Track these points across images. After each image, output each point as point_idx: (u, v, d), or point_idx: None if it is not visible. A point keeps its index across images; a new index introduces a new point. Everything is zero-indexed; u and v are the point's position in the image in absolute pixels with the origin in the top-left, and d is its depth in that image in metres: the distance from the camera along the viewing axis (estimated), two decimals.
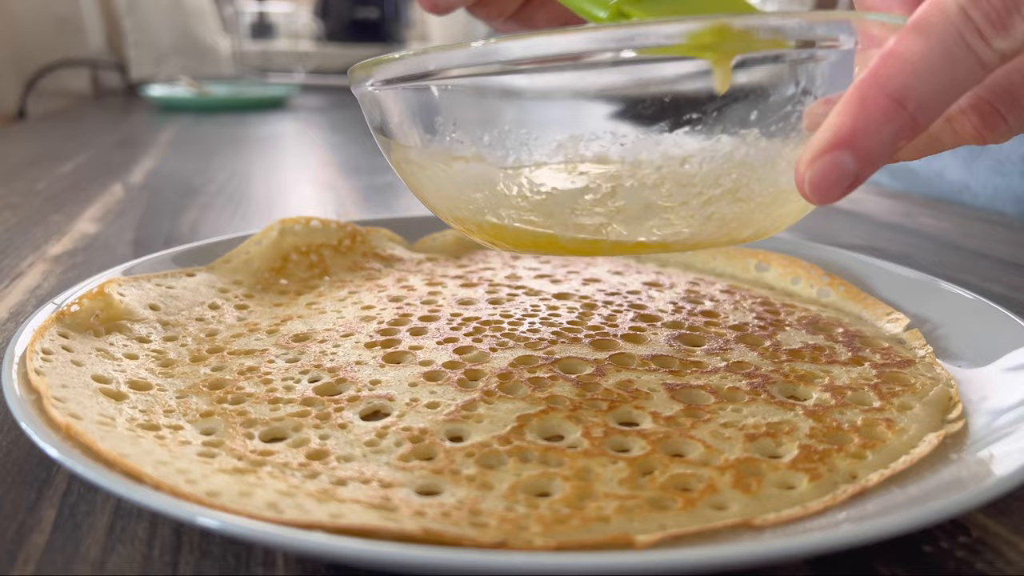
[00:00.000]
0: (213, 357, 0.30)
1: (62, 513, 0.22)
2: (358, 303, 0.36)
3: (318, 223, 0.43)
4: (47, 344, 0.28)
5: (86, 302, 0.31)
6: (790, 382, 0.29)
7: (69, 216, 0.57)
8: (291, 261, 0.41)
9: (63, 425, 0.22)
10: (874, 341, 0.33)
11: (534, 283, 0.39)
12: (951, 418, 0.26)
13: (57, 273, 0.44)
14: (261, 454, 0.23)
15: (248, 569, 0.20)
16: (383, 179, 0.76)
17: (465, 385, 0.28)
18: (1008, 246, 0.54)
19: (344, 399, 0.27)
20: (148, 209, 0.60)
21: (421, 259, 0.43)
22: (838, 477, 0.23)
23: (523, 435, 0.24)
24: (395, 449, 0.24)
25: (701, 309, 0.36)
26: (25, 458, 0.25)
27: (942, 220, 0.62)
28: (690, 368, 0.29)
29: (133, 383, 0.27)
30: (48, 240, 0.51)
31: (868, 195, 0.72)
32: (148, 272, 0.36)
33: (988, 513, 0.22)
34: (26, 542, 0.21)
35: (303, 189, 0.71)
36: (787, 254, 0.42)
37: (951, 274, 0.43)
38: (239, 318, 0.35)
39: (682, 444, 0.24)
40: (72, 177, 0.73)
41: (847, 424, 0.25)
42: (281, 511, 0.19)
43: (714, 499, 0.21)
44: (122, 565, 0.20)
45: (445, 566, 0.17)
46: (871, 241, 0.55)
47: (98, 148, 0.92)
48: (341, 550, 0.17)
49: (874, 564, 0.20)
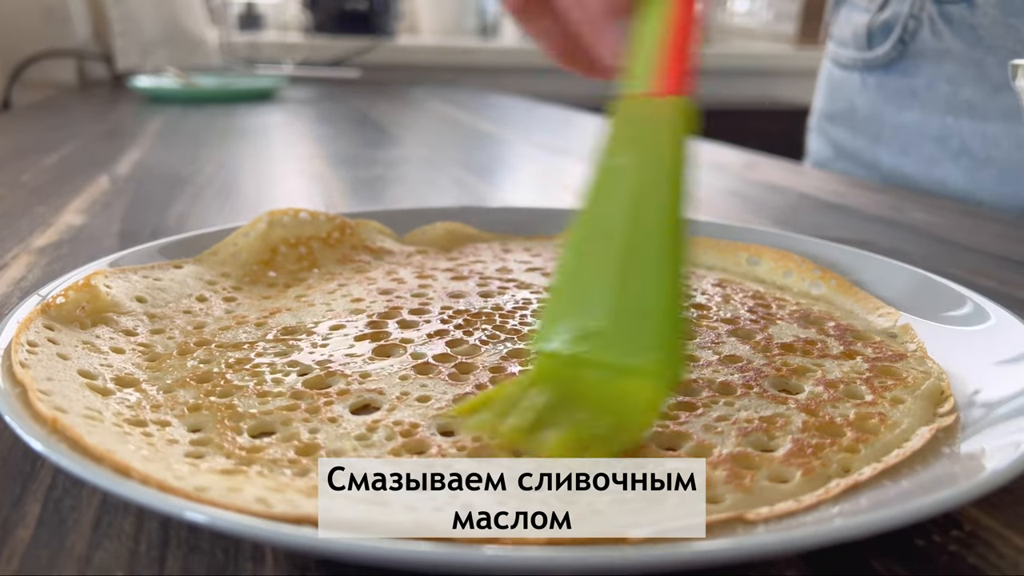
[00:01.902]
0: (201, 350, 0.30)
1: (47, 508, 0.22)
2: (347, 296, 0.36)
3: (307, 215, 0.42)
4: (32, 336, 0.27)
5: (72, 294, 0.30)
6: (782, 376, 0.28)
7: (54, 208, 0.57)
8: (279, 253, 0.40)
9: (49, 418, 0.22)
10: (866, 335, 0.33)
11: (525, 276, 0.39)
12: (943, 412, 0.26)
13: (42, 265, 0.43)
14: (250, 450, 0.23)
15: (236, 564, 0.20)
16: (372, 171, 0.75)
17: (456, 378, 0.28)
18: (998, 240, 0.54)
19: (334, 393, 0.26)
20: (135, 201, 0.60)
21: (411, 252, 0.43)
22: (831, 471, 0.23)
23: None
24: (386, 443, 0.23)
25: (693, 302, 0.36)
26: (9, 452, 0.25)
27: (932, 214, 0.62)
28: None
29: (119, 379, 0.27)
30: (33, 232, 0.50)
31: (858, 189, 0.73)
32: (135, 264, 0.36)
33: (980, 507, 0.22)
34: (10, 537, 0.21)
35: (291, 181, 0.71)
36: (778, 248, 0.42)
37: (941, 268, 0.43)
38: (227, 311, 0.34)
39: (675, 438, 0.24)
40: (57, 168, 0.72)
41: (840, 418, 0.25)
42: (270, 506, 0.19)
43: (707, 493, 0.21)
44: (108, 560, 0.20)
45: (437, 561, 0.17)
46: (861, 235, 0.55)
47: (84, 139, 0.91)
48: (331, 544, 0.17)
49: (867, 558, 0.20)
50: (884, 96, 0.80)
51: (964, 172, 0.74)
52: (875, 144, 0.82)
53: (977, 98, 0.72)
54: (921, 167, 0.77)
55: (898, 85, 0.78)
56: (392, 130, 1.08)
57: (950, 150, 0.75)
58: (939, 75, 0.74)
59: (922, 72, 0.76)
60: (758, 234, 0.44)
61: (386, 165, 0.79)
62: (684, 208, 0.25)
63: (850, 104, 0.84)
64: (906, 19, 0.75)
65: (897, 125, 0.79)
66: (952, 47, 0.72)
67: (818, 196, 0.69)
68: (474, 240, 0.46)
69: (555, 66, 0.38)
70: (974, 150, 0.73)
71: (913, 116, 0.77)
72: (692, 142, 0.26)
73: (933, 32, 0.73)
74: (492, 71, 2.04)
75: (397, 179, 0.73)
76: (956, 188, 0.75)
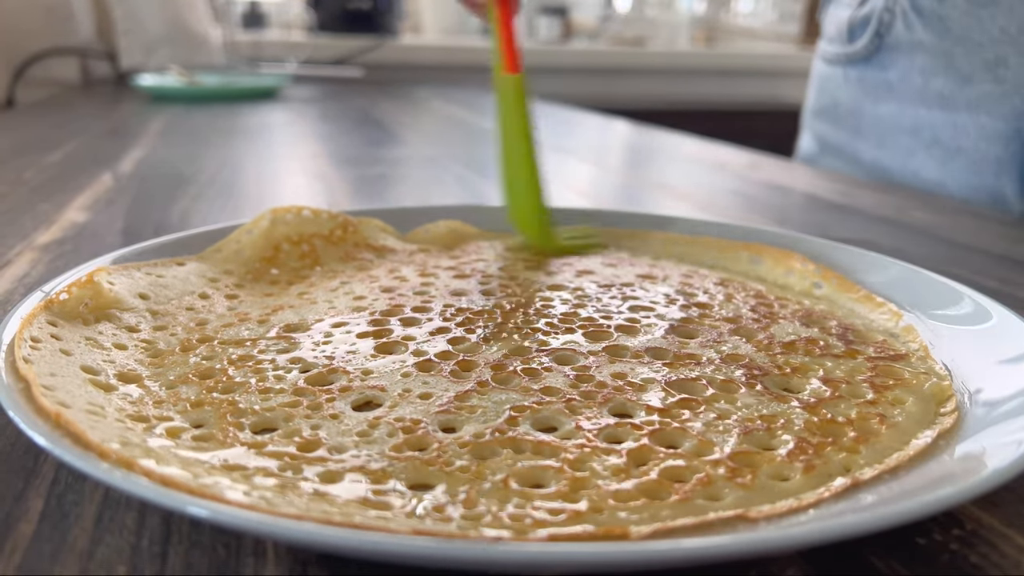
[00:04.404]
0: (203, 347, 0.30)
1: (49, 503, 0.22)
2: (350, 293, 0.36)
3: (309, 213, 0.42)
4: (35, 332, 0.27)
5: (75, 290, 0.30)
6: (784, 375, 0.28)
7: (58, 205, 0.57)
8: (282, 251, 0.40)
9: (52, 413, 0.22)
10: (867, 334, 0.33)
11: (527, 274, 0.39)
12: (945, 411, 0.26)
13: (45, 262, 0.43)
14: (252, 446, 0.23)
15: (238, 559, 0.20)
16: (374, 170, 0.75)
17: (458, 376, 0.28)
18: (999, 240, 0.54)
19: (336, 389, 0.26)
20: (138, 198, 0.60)
21: (413, 250, 0.43)
22: (832, 470, 0.23)
23: (517, 426, 0.24)
24: (387, 440, 0.23)
25: (695, 301, 0.36)
26: (12, 447, 0.25)
27: (934, 214, 0.62)
28: (684, 360, 0.29)
29: (122, 375, 0.27)
30: (36, 229, 0.50)
31: (860, 189, 0.72)
32: (138, 261, 0.36)
33: (982, 506, 0.22)
34: (13, 532, 0.21)
35: (294, 179, 0.71)
36: (780, 247, 0.42)
37: (943, 268, 0.43)
38: (229, 308, 0.35)
39: (676, 436, 0.24)
40: (61, 166, 0.72)
41: (841, 417, 0.25)
42: (273, 503, 0.19)
43: (709, 491, 0.21)
44: (110, 555, 0.20)
45: (438, 557, 0.17)
46: (863, 235, 0.55)
47: (87, 137, 0.91)
48: (332, 539, 0.17)
49: (868, 556, 0.20)
50: (863, 90, 0.80)
51: (936, 163, 0.74)
52: (855, 138, 0.82)
53: (947, 89, 0.72)
54: (898, 159, 0.78)
55: (875, 78, 0.79)
56: (395, 129, 1.08)
57: (923, 141, 0.75)
58: (912, 67, 0.75)
59: (897, 65, 0.76)
60: (760, 233, 0.44)
61: (389, 164, 0.79)
62: (533, 134, 0.44)
63: (834, 99, 0.85)
64: (881, 12, 0.76)
65: (875, 118, 0.80)
66: (923, 39, 0.73)
67: (820, 196, 0.69)
68: (476, 239, 0.46)
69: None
70: (944, 141, 0.73)
71: (889, 108, 0.78)
72: (530, 99, 0.44)
73: (906, 24, 0.74)
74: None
75: (400, 178, 0.73)
76: (929, 179, 0.75)
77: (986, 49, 0.69)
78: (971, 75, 0.70)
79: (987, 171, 0.71)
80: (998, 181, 0.71)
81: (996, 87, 0.69)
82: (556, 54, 2.15)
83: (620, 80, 2.19)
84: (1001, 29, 0.68)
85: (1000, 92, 0.69)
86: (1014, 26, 0.67)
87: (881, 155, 0.80)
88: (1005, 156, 0.70)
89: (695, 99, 2.18)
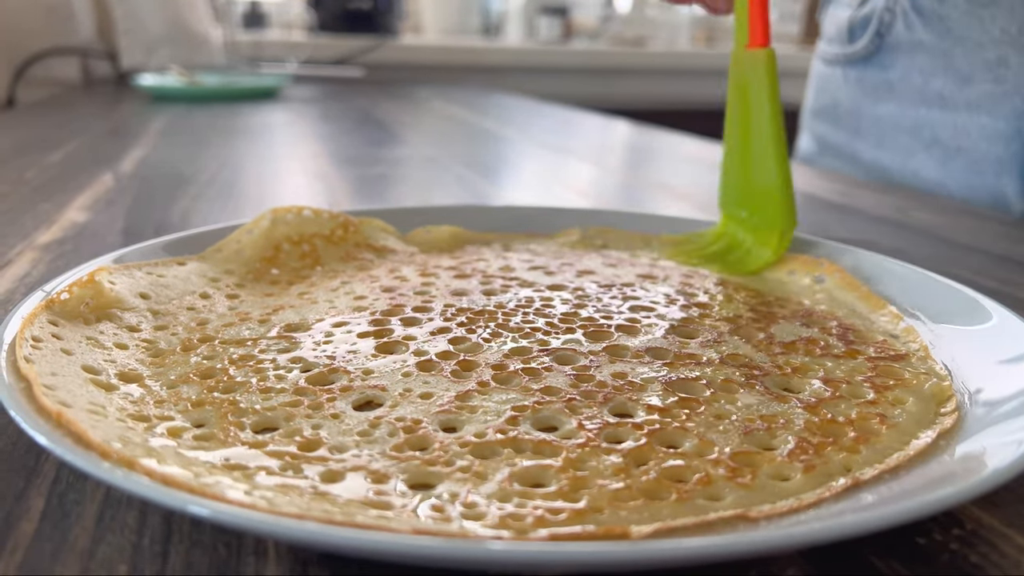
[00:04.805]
0: (204, 346, 0.30)
1: (50, 502, 0.22)
2: (350, 293, 0.36)
3: (310, 212, 0.42)
4: (37, 332, 0.27)
5: (76, 290, 0.30)
6: (785, 375, 0.29)
7: (58, 205, 0.57)
8: (283, 251, 0.40)
9: (53, 413, 0.22)
10: (868, 334, 0.33)
11: (528, 274, 0.39)
12: (945, 411, 0.26)
13: (46, 261, 0.43)
14: (253, 445, 0.23)
15: (239, 559, 0.20)
16: (375, 170, 0.75)
17: (459, 376, 0.28)
18: (1000, 241, 0.54)
19: (336, 389, 0.27)
20: (138, 198, 0.60)
21: (414, 250, 0.43)
22: (832, 469, 0.23)
23: (517, 426, 0.24)
24: (388, 439, 0.23)
25: (695, 301, 0.36)
26: (13, 447, 0.25)
27: (934, 214, 0.62)
28: (684, 360, 0.29)
29: (123, 375, 0.27)
30: (37, 229, 0.50)
31: (861, 189, 0.72)
32: (138, 261, 0.36)
33: (982, 506, 0.23)
34: (14, 531, 0.21)
35: (295, 179, 0.71)
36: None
37: (943, 268, 0.43)
38: (230, 307, 0.35)
39: (677, 436, 0.24)
40: (61, 166, 0.72)
41: (841, 417, 0.25)
42: (275, 503, 0.19)
43: (709, 491, 0.21)
44: (111, 554, 0.20)
45: (439, 557, 0.17)
46: (864, 235, 0.55)
47: (88, 137, 0.91)
48: (333, 539, 0.17)
49: (868, 556, 0.20)
50: (863, 90, 0.81)
51: (936, 163, 0.74)
52: (855, 138, 0.83)
53: (947, 89, 0.72)
54: (897, 159, 0.78)
55: (875, 78, 0.79)
56: (395, 129, 1.08)
57: (923, 141, 0.75)
58: (912, 67, 0.75)
59: (897, 65, 0.76)
60: None
61: (389, 164, 0.79)
62: (781, 117, 0.41)
63: (833, 99, 0.85)
64: (882, 12, 0.76)
65: (874, 118, 0.80)
66: (924, 39, 0.73)
67: (820, 196, 0.69)
68: (477, 243, 0.46)
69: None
70: (944, 141, 0.74)
71: (889, 109, 0.78)
72: (776, 76, 0.41)
73: (906, 24, 0.74)
74: (495, 71, 2.04)
75: (400, 178, 0.73)
76: (929, 179, 0.75)
77: (986, 49, 0.69)
78: (971, 75, 0.70)
79: (987, 171, 0.71)
80: (998, 181, 0.71)
81: (996, 87, 0.69)
82: (556, 54, 2.15)
83: (620, 80, 2.19)
84: (1001, 29, 0.68)
85: (1000, 92, 0.69)
86: (1014, 26, 0.67)
87: (881, 155, 0.80)
88: (1005, 156, 0.70)
89: (695, 99, 2.17)
